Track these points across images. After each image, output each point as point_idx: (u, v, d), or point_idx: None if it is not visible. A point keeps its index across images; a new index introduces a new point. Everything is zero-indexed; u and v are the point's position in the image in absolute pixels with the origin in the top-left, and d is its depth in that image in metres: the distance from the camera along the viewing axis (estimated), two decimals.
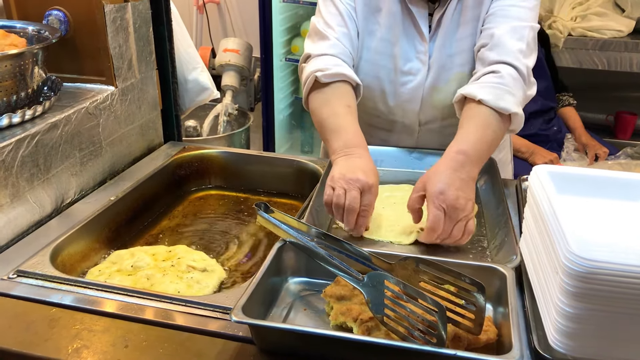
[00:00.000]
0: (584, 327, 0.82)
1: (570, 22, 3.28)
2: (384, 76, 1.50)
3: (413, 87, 1.49)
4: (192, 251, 1.23)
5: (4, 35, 1.29)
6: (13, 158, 1.17)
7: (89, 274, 1.17)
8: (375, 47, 1.49)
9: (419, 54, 1.46)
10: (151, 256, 1.19)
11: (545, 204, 0.94)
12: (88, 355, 0.89)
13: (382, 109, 1.55)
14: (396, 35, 1.46)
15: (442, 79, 1.47)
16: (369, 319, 0.90)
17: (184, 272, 1.14)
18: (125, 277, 1.13)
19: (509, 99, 1.31)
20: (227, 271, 1.21)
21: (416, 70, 1.48)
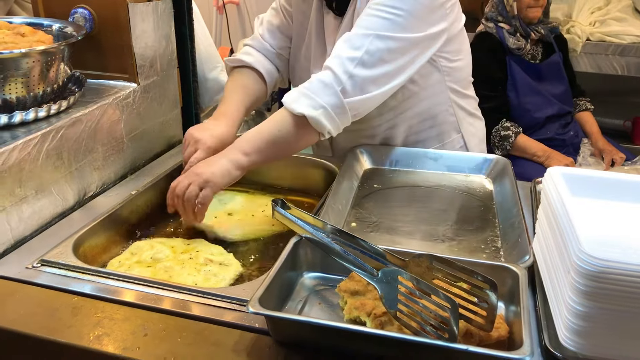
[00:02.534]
0: (595, 325, 0.83)
1: (589, 27, 3.27)
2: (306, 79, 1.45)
3: None
4: (210, 245, 1.25)
5: (31, 32, 1.32)
6: (38, 151, 1.20)
7: (109, 265, 1.20)
8: (303, 54, 1.62)
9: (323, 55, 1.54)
10: (170, 248, 1.22)
11: (559, 204, 0.95)
12: (109, 342, 0.92)
13: None
14: (316, 44, 1.57)
15: None
16: (382, 314, 0.92)
17: (201, 265, 1.17)
18: (144, 269, 1.16)
19: (303, 101, 1.31)
20: (243, 266, 1.24)
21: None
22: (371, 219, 1.32)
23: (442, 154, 1.58)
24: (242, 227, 1.39)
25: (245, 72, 1.62)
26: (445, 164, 1.56)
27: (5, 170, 1.12)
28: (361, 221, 1.31)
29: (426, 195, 1.45)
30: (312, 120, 1.31)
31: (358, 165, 1.55)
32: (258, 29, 1.68)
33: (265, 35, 1.66)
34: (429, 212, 1.36)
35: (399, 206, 1.39)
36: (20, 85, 1.23)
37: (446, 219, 1.33)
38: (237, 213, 1.46)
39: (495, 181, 1.50)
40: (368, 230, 1.28)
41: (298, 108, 1.30)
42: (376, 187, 1.47)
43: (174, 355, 0.89)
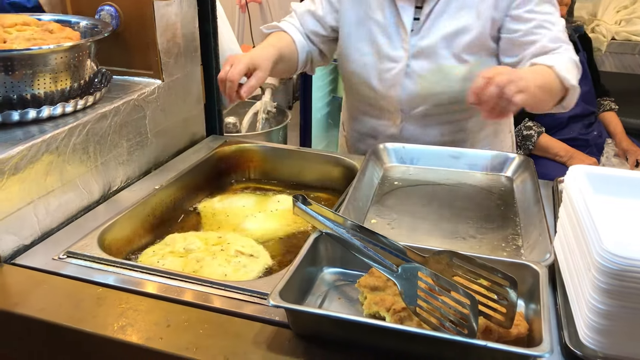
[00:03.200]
0: (615, 324, 0.83)
1: (614, 26, 3.24)
2: (370, 63, 1.63)
3: (395, 74, 1.61)
4: (241, 237, 1.28)
5: (59, 29, 1.35)
6: (65, 145, 1.23)
7: (144, 254, 1.24)
8: (361, 36, 1.64)
9: (403, 43, 1.59)
10: (203, 240, 1.25)
11: (581, 202, 0.95)
12: (132, 332, 0.94)
13: (369, 94, 1.68)
14: (382, 26, 1.61)
15: (425, 68, 1.59)
16: (401, 309, 0.93)
17: (232, 257, 1.20)
18: (176, 259, 1.19)
19: (574, 72, 1.46)
20: (273, 258, 1.26)
21: (399, 58, 1.60)
22: (392, 216, 1.33)
23: (463, 152, 1.57)
24: (268, 223, 1.41)
25: (278, 34, 1.71)
26: (466, 162, 1.56)
27: (33, 163, 1.15)
28: (381, 218, 1.32)
29: (447, 193, 1.45)
30: (572, 95, 1.47)
31: (379, 162, 1.55)
32: (294, 10, 1.76)
33: (301, 17, 1.74)
34: (449, 210, 1.36)
35: (420, 204, 1.39)
36: (49, 81, 1.25)
37: (467, 217, 1.33)
38: (263, 211, 1.48)
39: (517, 179, 1.49)
40: (388, 227, 1.28)
41: (572, 80, 1.44)
42: (397, 185, 1.48)
43: (195, 346, 0.91)
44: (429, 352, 0.88)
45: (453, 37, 1.56)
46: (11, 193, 1.11)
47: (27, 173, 1.14)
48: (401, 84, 1.61)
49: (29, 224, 1.16)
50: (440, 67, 1.58)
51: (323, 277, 1.09)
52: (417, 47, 1.58)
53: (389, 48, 1.61)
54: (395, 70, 1.61)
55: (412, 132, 1.67)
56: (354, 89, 1.72)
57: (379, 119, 1.71)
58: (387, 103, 1.66)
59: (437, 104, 1.62)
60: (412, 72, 1.60)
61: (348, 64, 1.68)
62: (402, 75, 1.61)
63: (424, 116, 1.65)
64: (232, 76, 1.41)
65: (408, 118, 1.66)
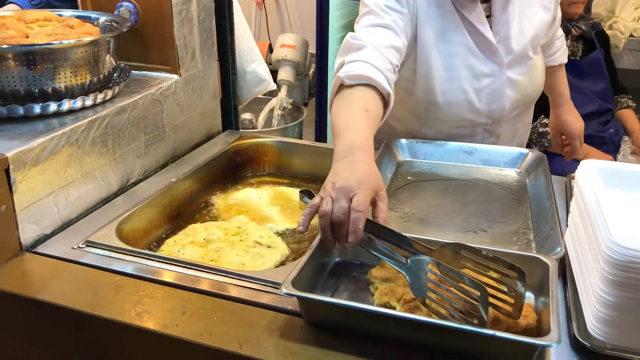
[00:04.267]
0: (623, 315, 0.84)
1: (633, 23, 3.21)
2: (466, 84, 1.56)
3: (497, 87, 1.58)
4: (260, 228, 1.31)
5: (79, 25, 1.38)
6: (85, 137, 1.26)
7: (165, 244, 1.28)
8: (450, 62, 1.54)
9: (492, 57, 1.56)
10: (223, 230, 1.29)
11: (591, 195, 0.96)
12: (149, 319, 0.97)
13: (465, 115, 1.59)
14: (467, 46, 1.55)
15: (519, 72, 1.60)
16: (411, 300, 0.94)
17: (250, 247, 1.22)
18: (197, 248, 1.22)
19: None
20: (290, 249, 1.28)
21: (494, 71, 1.57)
22: (404, 210, 1.34)
23: (476, 148, 1.58)
24: (285, 217, 1.43)
25: (365, 92, 1.28)
26: (479, 157, 1.57)
27: (53, 155, 1.18)
28: (394, 211, 1.33)
29: (460, 188, 1.46)
30: None
31: (392, 157, 1.57)
32: (368, 42, 1.38)
33: (385, 51, 1.38)
34: (462, 204, 1.38)
35: (432, 198, 1.40)
36: (69, 75, 1.28)
37: (479, 211, 1.34)
38: (279, 204, 1.50)
39: (530, 175, 1.50)
40: (401, 220, 1.30)
41: None
42: (410, 179, 1.49)
43: (210, 332, 0.93)
44: (438, 341, 0.90)
45: (535, 37, 1.61)
46: (32, 183, 1.14)
47: (48, 164, 1.17)
48: (504, 95, 1.59)
49: (49, 214, 1.19)
50: (529, 67, 1.62)
51: (335, 267, 1.11)
52: (510, 55, 1.57)
53: (480, 64, 1.55)
54: (495, 84, 1.57)
55: (508, 131, 1.68)
56: (443, 117, 1.59)
57: (473, 135, 1.64)
58: (487, 118, 1.61)
59: (528, 102, 1.69)
60: (511, 81, 1.59)
61: (435, 89, 1.54)
62: (505, 86, 1.58)
63: (514, 118, 1.67)
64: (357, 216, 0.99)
65: (506, 124, 1.66)
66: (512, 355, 0.87)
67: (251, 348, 0.90)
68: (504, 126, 1.66)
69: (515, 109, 1.65)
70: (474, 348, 0.89)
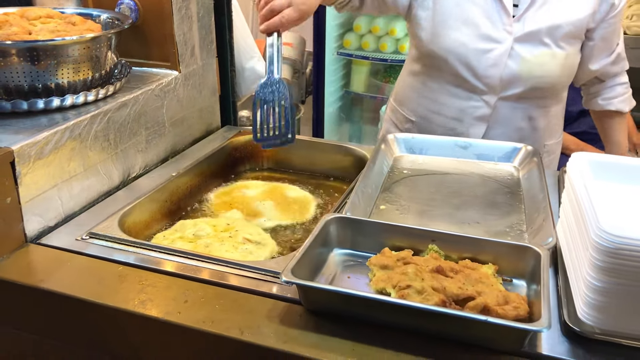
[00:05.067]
0: (611, 300, 0.87)
1: (626, 21, 3.24)
2: (468, 42, 1.65)
3: (499, 54, 1.65)
4: (250, 225, 1.33)
5: (81, 22, 1.41)
6: (87, 132, 1.28)
7: (154, 239, 1.29)
8: (460, 16, 1.65)
9: (505, 26, 1.63)
10: (212, 227, 1.30)
11: (580, 185, 0.99)
12: (152, 307, 1.00)
13: (464, 74, 1.69)
14: (482, 7, 1.64)
15: (529, 51, 1.64)
16: (406, 286, 0.97)
17: (239, 244, 1.24)
18: (186, 244, 1.24)
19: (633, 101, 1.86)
20: (279, 245, 1.31)
21: (502, 39, 1.64)
22: (400, 203, 1.37)
23: (471, 143, 1.61)
24: (278, 212, 1.46)
25: None
26: (474, 152, 1.60)
27: (57, 149, 1.21)
28: (390, 204, 1.36)
29: (455, 182, 1.49)
30: None
31: (389, 152, 1.59)
32: None
33: None
34: (457, 197, 1.40)
35: (428, 191, 1.43)
36: (72, 71, 1.31)
37: (474, 204, 1.37)
38: (273, 199, 1.53)
39: (524, 169, 1.53)
40: (397, 212, 1.33)
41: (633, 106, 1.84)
42: (406, 173, 1.52)
43: (211, 320, 0.96)
44: (432, 326, 0.93)
45: (556, 27, 1.63)
46: (37, 176, 1.17)
47: (52, 158, 1.20)
48: (503, 63, 1.65)
49: (53, 206, 1.22)
50: (544, 53, 1.65)
51: (333, 257, 1.14)
52: (522, 31, 1.63)
53: (491, 29, 1.64)
54: (498, 51, 1.64)
55: (504, 113, 1.72)
56: (444, 68, 1.72)
57: (469, 100, 1.73)
58: (484, 83, 1.69)
59: (534, 87, 1.68)
60: (515, 54, 1.64)
61: (443, 42, 1.67)
62: (506, 56, 1.64)
63: (518, 98, 1.70)
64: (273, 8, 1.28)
65: (503, 99, 1.70)
66: (504, 340, 0.91)
67: (252, 334, 0.93)
68: (500, 105, 1.70)
69: (515, 87, 1.67)
70: (467, 333, 0.92)
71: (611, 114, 1.87)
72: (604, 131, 1.93)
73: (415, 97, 1.83)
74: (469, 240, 1.11)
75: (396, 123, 1.92)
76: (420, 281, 0.98)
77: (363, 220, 1.17)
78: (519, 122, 1.74)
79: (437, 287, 0.97)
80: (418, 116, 1.83)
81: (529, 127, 1.76)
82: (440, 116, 1.78)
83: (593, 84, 1.85)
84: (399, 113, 1.90)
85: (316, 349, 0.90)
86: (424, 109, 1.81)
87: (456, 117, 1.75)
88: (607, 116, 1.88)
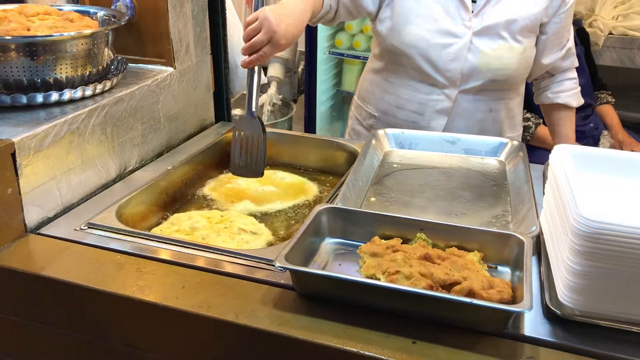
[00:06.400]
0: (590, 283, 0.91)
1: (612, 21, 3.31)
2: (429, 37, 1.71)
3: (458, 48, 1.71)
4: (243, 216, 1.36)
5: (79, 18, 1.44)
6: (85, 125, 1.32)
7: (152, 232, 1.31)
8: (420, 12, 1.70)
9: (464, 21, 1.69)
10: (206, 219, 1.33)
11: (561, 174, 1.03)
12: (150, 292, 1.03)
13: (425, 68, 1.74)
14: (442, 4, 1.70)
15: (487, 45, 1.71)
16: (395, 272, 1.01)
17: (235, 234, 1.28)
18: (183, 236, 1.27)
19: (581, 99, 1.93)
20: (273, 234, 1.35)
21: (461, 34, 1.70)
22: (390, 195, 1.41)
23: (459, 138, 1.66)
24: (271, 203, 1.50)
25: None
26: (462, 147, 1.64)
27: (56, 141, 1.24)
28: (380, 196, 1.40)
29: (443, 175, 1.53)
30: None
31: (379, 146, 1.63)
32: None
33: None
34: (444, 190, 1.45)
35: (417, 184, 1.47)
36: (70, 66, 1.34)
37: (461, 196, 1.41)
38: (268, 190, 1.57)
39: (510, 163, 1.57)
40: (387, 204, 1.37)
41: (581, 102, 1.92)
42: (396, 167, 1.56)
43: (208, 304, 1.00)
44: (420, 309, 0.97)
45: (512, 21, 1.70)
46: (37, 168, 1.20)
47: (51, 150, 1.23)
48: (464, 57, 1.71)
49: (52, 197, 1.25)
50: (502, 46, 1.71)
51: (325, 246, 1.18)
52: (480, 26, 1.69)
53: (451, 25, 1.70)
54: (458, 45, 1.70)
55: (464, 106, 1.78)
56: (405, 64, 1.77)
57: (430, 94, 1.78)
58: (444, 77, 1.74)
59: (493, 79, 1.74)
60: (475, 48, 1.71)
61: (404, 37, 1.73)
62: (465, 50, 1.71)
63: (478, 90, 1.77)
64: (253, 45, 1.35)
65: (464, 92, 1.76)
66: (488, 322, 0.95)
67: (247, 317, 0.97)
68: (461, 97, 1.76)
69: (474, 80, 1.74)
70: (454, 316, 0.96)
71: (559, 107, 1.94)
72: (552, 125, 1.99)
73: (378, 93, 1.89)
74: (455, 229, 1.15)
75: (360, 119, 1.98)
76: (408, 267, 1.02)
77: (354, 210, 1.21)
78: (479, 115, 1.80)
79: (424, 273, 1.01)
80: (380, 111, 1.89)
81: (489, 119, 1.82)
82: (403, 110, 1.83)
83: (543, 79, 1.92)
84: (362, 109, 1.97)
85: (309, 331, 0.94)
86: (386, 104, 1.87)
87: (417, 111, 1.81)
88: (556, 109, 1.95)
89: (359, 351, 0.91)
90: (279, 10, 1.37)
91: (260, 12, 1.34)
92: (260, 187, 1.55)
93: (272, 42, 1.35)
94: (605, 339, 0.93)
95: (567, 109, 1.94)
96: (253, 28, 1.34)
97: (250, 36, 1.34)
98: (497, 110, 1.82)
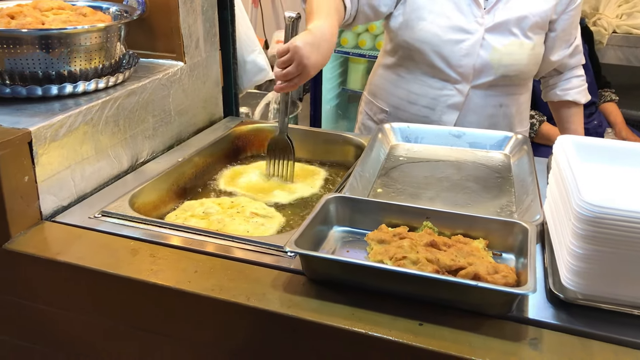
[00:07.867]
0: (592, 266, 0.94)
1: (616, 20, 3.33)
2: (442, 34, 1.74)
3: (471, 44, 1.74)
4: (253, 201, 1.40)
5: (92, 13, 1.47)
6: (99, 117, 1.35)
7: (166, 218, 1.36)
8: (433, 8, 1.74)
9: (477, 18, 1.73)
10: (218, 205, 1.37)
11: (564, 162, 1.06)
12: (164, 276, 1.06)
13: (438, 63, 1.78)
14: (455, 2, 1.73)
15: (499, 41, 1.74)
16: (402, 258, 1.04)
17: (249, 218, 1.32)
18: (199, 221, 1.31)
19: (589, 95, 1.97)
20: (284, 216, 1.39)
21: (473, 31, 1.74)
22: (396, 186, 1.44)
23: (464, 132, 1.68)
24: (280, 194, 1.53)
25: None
26: (467, 140, 1.67)
27: (71, 132, 1.27)
28: (387, 187, 1.43)
29: (448, 167, 1.55)
30: None
31: (385, 140, 1.66)
32: None
33: None
34: (450, 182, 1.47)
35: (423, 176, 1.50)
36: (83, 59, 1.37)
37: (466, 188, 1.44)
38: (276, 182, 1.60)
39: (514, 156, 1.60)
40: (393, 195, 1.39)
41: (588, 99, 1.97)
42: (402, 160, 1.59)
43: (220, 287, 1.03)
44: (426, 293, 0.99)
45: (523, 18, 1.73)
46: (52, 157, 1.23)
47: (66, 140, 1.26)
48: (476, 53, 1.75)
49: (66, 186, 1.28)
50: (513, 43, 1.75)
51: (333, 234, 1.21)
52: (492, 22, 1.73)
53: (463, 22, 1.73)
54: (470, 42, 1.74)
55: (476, 101, 1.81)
56: (418, 59, 1.80)
57: (442, 89, 1.82)
58: (457, 72, 1.78)
59: (504, 75, 1.78)
60: (487, 44, 1.74)
61: (417, 34, 1.76)
62: (477, 46, 1.74)
63: (489, 86, 1.80)
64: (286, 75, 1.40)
65: (475, 87, 1.80)
66: (493, 304, 0.97)
67: (258, 300, 1.00)
68: (473, 93, 1.79)
69: (486, 75, 1.77)
70: (459, 299, 0.98)
71: (568, 105, 1.97)
72: (561, 122, 2.03)
73: (389, 88, 1.93)
74: (461, 217, 1.18)
75: (370, 114, 2.01)
76: (415, 253, 1.04)
77: (361, 199, 1.24)
78: (490, 110, 1.83)
79: (431, 259, 1.03)
80: (392, 106, 1.92)
81: (500, 114, 1.85)
82: (415, 105, 1.87)
83: (552, 76, 1.96)
84: (373, 105, 2.00)
85: (318, 313, 0.97)
86: (397, 99, 1.90)
87: (429, 106, 1.84)
88: (564, 107, 1.98)
89: (367, 332, 0.93)
90: (309, 41, 1.39)
91: (292, 44, 1.36)
92: (264, 181, 1.59)
93: (302, 74, 1.40)
94: (607, 322, 0.95)
95: (575, 105, 1.97)
96: (284, 60, 1.38)
97: (283, 66, 1.39)
98: (507, 105, 1.85)
